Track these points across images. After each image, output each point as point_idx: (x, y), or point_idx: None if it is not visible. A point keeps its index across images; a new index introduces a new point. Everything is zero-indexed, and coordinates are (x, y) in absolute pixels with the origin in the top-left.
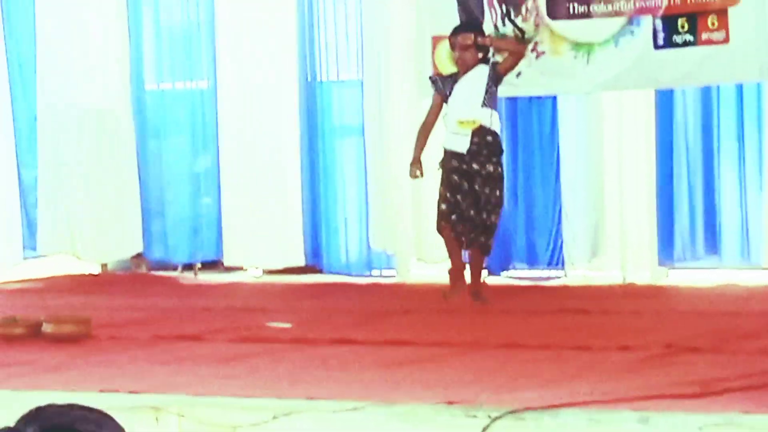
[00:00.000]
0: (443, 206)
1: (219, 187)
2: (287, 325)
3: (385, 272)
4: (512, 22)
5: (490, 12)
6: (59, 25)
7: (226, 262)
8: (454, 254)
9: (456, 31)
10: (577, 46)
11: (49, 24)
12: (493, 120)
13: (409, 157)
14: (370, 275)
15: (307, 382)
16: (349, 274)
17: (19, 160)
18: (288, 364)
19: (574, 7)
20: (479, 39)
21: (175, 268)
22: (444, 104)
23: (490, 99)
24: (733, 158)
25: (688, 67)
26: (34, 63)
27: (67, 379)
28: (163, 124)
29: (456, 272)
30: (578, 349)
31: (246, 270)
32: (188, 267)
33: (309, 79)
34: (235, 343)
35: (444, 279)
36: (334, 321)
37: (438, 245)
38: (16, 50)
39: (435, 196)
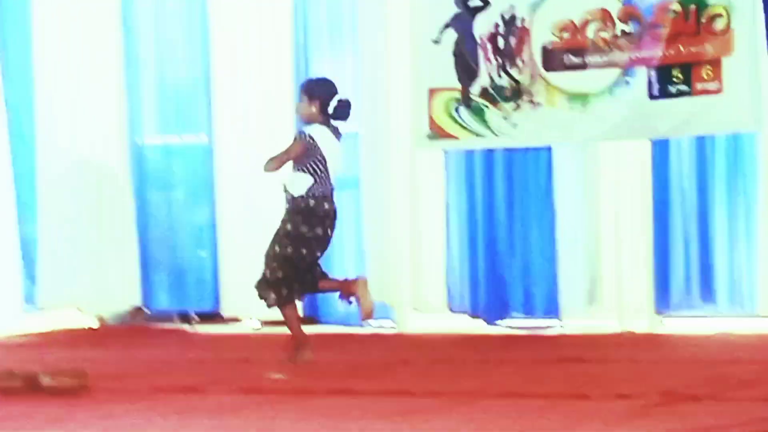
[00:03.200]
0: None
1: (216, 239)
2: (285, 377)
3: (382, 323)
4: (508, 73)
5: (486, 64)
6: (58, 78)
7: (224, 314)
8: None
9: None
10: (572, 97)
11: (48, 78)
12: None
13: (406, 207)
14: (368, 326)
15: None
16: (346, 325)
17: (19, 214)
18: (287, 416)
19: (569, 59)
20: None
21: (172, 320)
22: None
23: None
24: (727, 207)
25: (683, 116)
26: (32, 117)
27: None
28: (161, 178)
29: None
30: (576, 398)
31: (243, 322)
32: (186, 319)
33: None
34: (233, 394)
35: (444, 330)
36: (331, 372)
37: (435, 295)
38: (15, 104)
39: (432, 245)
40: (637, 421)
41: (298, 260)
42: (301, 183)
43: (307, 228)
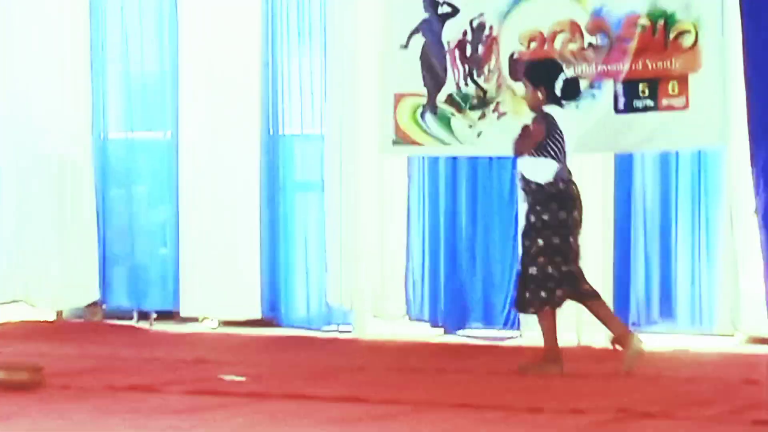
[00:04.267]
0: None
1: (178, 237)
2: (241, 378)
3: (342, 327)
4: (474, 81)
5: (453, 71)
6: (21, 71)
7: (183, 313)
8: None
9: None
10: None
11: (10, 71)
12: None
13: (368, 213)
14: (327, 330)
15: None
16: (305, 328)
17: None
18: (238, 419)
19: None
20: None
21: (130, 318)
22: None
23: None
24: (689, 224)
25: (648, 131)
26: None
27: (19, 429)
28: (124, 173)
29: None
30: (531, 411)
31: (202, 321)
32: (144, 316)
33: (271, 132)
34: (188, 395)
35: (400, 336)
36: (288, 375)
37: (395, 302)
38: None
39: (394, 252)
40: None
41: (567, 250)
42: (546, 169)
43: (566, 213)
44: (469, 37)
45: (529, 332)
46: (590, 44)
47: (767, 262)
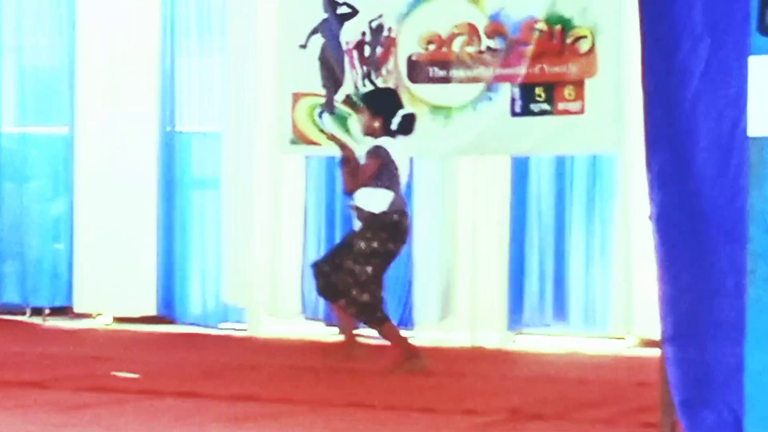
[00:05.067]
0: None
1: (72, 232)
2: (134, 376)
3: (236, 326)
4: (372, 82)
5: (352, 72)
6: None
7: (76, 309)
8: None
9: None
10: (435, 109)
11: None
12: None
13: (265, 212)
14: (222, 328)
15: None
16: (200, 326)
17: None
18: (132, 416)
19: (434, 72)
20: None
21: (23, 313)
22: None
23: None
24: (583, 227)
25: (544, 135)
26: None
27: None
28: (19, 168)
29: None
30: (423, 411)
31: (96, 317)
32: (37, 312)
33: (169, 129)
34: (80, 391)
35: (294, 335)
36: (181, 373)
37: (291, 301)
38: None
39: (290, 251)
40: None
41: (383, 277)
42: (381, 199)
43: (393, 244)
44: (367, 38)
45: (424, 332)
46: (488, 47)
47: (660, 266)
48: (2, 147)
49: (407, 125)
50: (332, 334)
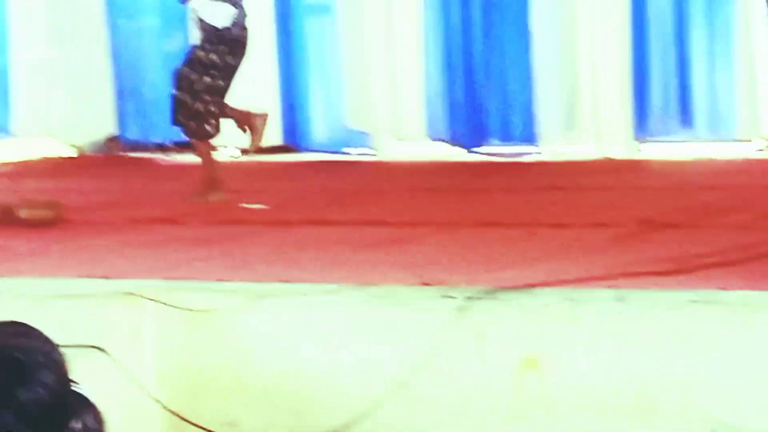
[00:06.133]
0: None
1: None
2: (262, 207)
3: (361, 150)
4: None
5: None
6: None
7: None
8: None
9: None
10: None
11: None
12: None
13: (381, 35)
14: (347, 153)
15: (283, 265)
16: (325, 152)
17: None
18: (263, 247)
19: None
20: None
21: (150, 150)
22: None
23: None
24: (705, 30)
25: None
26: None
27: (42, 265)
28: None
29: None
30: (553, 227)
31: (221, 150)
32: (162, 148)
33: None
34: (210, 225)
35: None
36: (309, 201)
37: (414, 122)
38: None
39: (410, 73)
40: (614, 249)
41: (225, 91)
42: (222, 12)
43: (233, 59)
44: None
45: (549, 145)
46: None
47: None
48: None
49: None
50: (457, 154)
